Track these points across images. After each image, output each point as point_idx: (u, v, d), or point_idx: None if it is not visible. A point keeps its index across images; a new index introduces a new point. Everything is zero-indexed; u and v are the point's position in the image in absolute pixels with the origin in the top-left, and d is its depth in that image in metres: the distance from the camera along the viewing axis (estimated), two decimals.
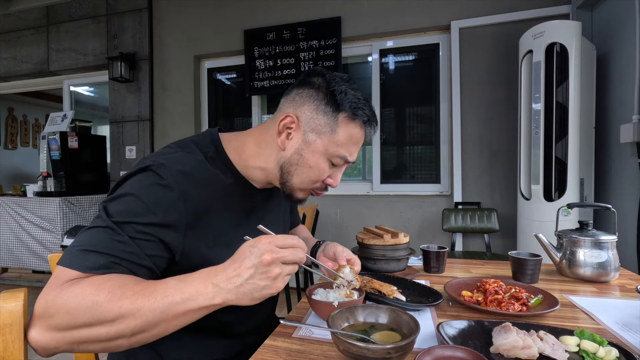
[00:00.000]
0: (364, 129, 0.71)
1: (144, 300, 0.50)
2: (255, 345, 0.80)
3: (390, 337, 0.59)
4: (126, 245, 0.56)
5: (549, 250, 1.07)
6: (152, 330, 0.51)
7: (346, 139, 0.69)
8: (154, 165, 0.62)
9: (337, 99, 0.68)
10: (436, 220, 2.76)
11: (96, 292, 0.50)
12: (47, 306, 0.51)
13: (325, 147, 0.69)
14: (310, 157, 0.69)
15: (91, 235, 0.57)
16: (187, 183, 0.63)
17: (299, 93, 0.71)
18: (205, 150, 0.71)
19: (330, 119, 0.68)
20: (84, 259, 0.54)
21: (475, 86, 2.70)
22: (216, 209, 0.68)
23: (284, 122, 0.70)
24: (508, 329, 0.59)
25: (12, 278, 3.49)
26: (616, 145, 2.04)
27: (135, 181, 0.61)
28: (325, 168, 0.71)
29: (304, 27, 3.03)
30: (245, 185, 0.75)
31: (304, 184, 0.72)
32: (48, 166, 3.23)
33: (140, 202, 0.59)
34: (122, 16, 3.58)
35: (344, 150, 0.70)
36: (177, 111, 3.44)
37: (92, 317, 0.50)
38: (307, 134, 0.69)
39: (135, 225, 0.58)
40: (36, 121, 6.29)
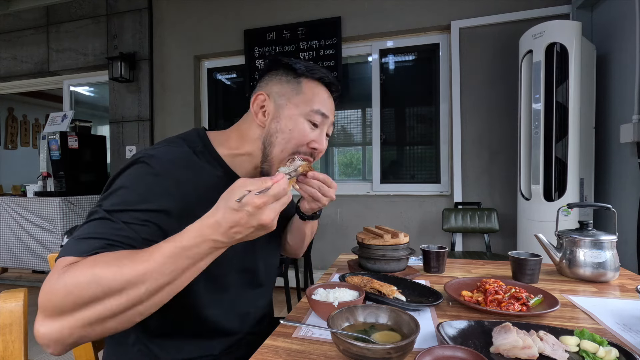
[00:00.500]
0: (325, 86, 0.78)
1: (145, 265, 0.50)
2: (247, 341, 0.81)
3: (390, 337, 0.59)
4: (121, 230, 0.57)
5: (549, 250, 1.07)
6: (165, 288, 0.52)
7: (313, 95, 0.75)
8: (144, 156, 0.64)
9: (295, 67, 0.76)
10: (436, 220, 2.76)
11: (92, 266, 0.50)
12: (50, 294, 0.49)
13: (297, 107, 0.74)
14: (287, 121, 0.73)
15: (86, 226, 0.58)
16: (178, 172, 0.66)
17: (263, 79, 0.79)
18: (193, 145, 0.73)
19: (293, 84, 0.75)
20: (78, 245, 0.54)
21: (475, 86, 2.70)
22: (207, 200, 0.67)
23: (257, 101, 0.76)
24: (508, 329, 0.59)
25: (12, 278, 3.49)
26: (616, 145, 2.04)
27: (127, 174, 0.63)
28: (306, 128, 0.74)
29: (304, 27, 3.03)
30: (234, 178, 0.76)
31: (285, 151, 0.73)
32: (48, 166, 3.23)
33: (133, 193, 0.61)
34: (122, 16, 3.58)
35: (317, 104, 0.74)
36: (177, 111, 3.44)
37: (95, 291, 0.49)
38: (278, 104, 0.74)
39: (131, 212, 0.59)
40: (36, 121, 6.29)
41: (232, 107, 3.53)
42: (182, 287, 0.54)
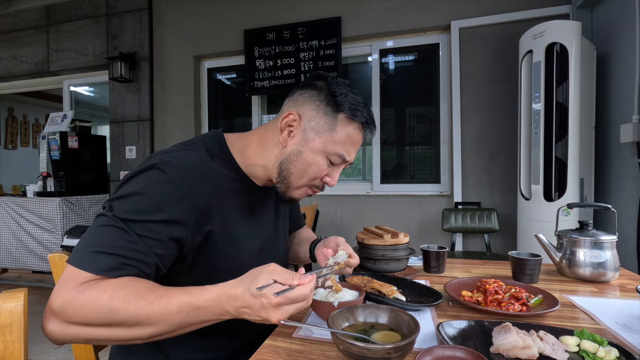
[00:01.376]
0: (361, 131, 0.74)
1: (159, 314, 0.54)
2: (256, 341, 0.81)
3: (390, 337, 0.59)
4: (135, 244, 0.58)
5: (549, 250, 1.07)
6: (165, 335, 0.57)
7: (344, 138, 0.72)
8: (160, 163, 0.64)
9: (338, 100, 0.71)
10: (436, 220, 2.76)
11: (111, 299, 0.54)
12: (65, 307, 0.54)
13: (324, 145, 0.71)
14: (309, 154, 0.72)
15: (101, 233, 0.58)
16: (192, 179, 0.65)
17: (301, 94, 0.74)
18: (210, 148, 0.73)
19: (330, 118, 0.71)
20: (95, 260, 0.56)
21: (475, 86, 2.70)
22: (220, 203, 0.70)
23: (286, 119, 0.72)
24: (508, 329, 0.59)
25: (12, 278, 3.49)
26: (616, 145, 2.04)
27: (142, 179, 0.63)
28: (324, 165, 0.73)
29: (304, 27, 3.03)
30: (247, 182, 0.77)
31: (301, 181, 0.74)
32: (48, 166, 3.23)
33: (147, 200, 0.61)
34: (122, 16, 3.58)
35: (342, 148, 0.72)
36: (177, 111, 3.44)
37: (110, 321, 0.54)
38: (307, 132, 0.72)
39: (144, 223, 0.59)
40: (36, 121, 6.29)
41: (232, 107, 3.53)
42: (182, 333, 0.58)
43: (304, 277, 0.56)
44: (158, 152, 0.68)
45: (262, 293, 0.53)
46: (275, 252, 0.86)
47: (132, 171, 0.64)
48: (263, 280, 0.54)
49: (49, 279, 3.38)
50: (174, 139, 3.32)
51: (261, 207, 0.81)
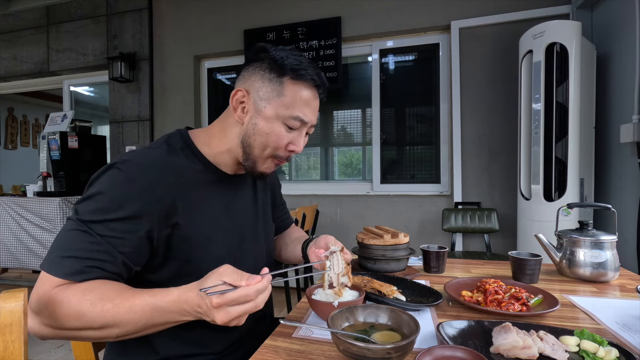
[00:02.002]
0: (312, 89, 0.74)
1: (125, 316, 0.57)
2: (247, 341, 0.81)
3: (390, 337, 0.59)
4: (98, 245, 0.60)
5: (549, 250, 1.07)
6: (132, 335, 0.60)
7: (294, 100, 0.71)
8: (117, 162, 0.66)
9: (279, 64, 0.71)
10: (436, 220, 2.76)
11: (79, 302, 0.56)
12: (40, 307, 0.57)
13: (276, 111, 0.71)
14: (264, 124, 0.72)
15: (66, 238, 0.61)
16: (151, 174, 0.66)
17: (246, 70, 0.75)
18: (173, 143, 0.74)
19: (276, 84, 0.71)
20: (61, 265, 0.58)
21: (475, 86, 2.70)
22: (186, 196, 0.70)
23: (236, 97, 0.74)
24: (508, 329, 0.59)
25: (12, 278, 3.49)
26: (616, 145, 2.04)
27: (102, 180, 0.64)
28: (282, 132, 0.72)
29: (304, 27, 3.03)
30: (215, 173, 0.77)
31: (265, 153, 0.74)
32: (48, 166, 3.23)
33: (108, 199, 0.62)
34: (122, 16, 3.58)
35: (296, 110, 0.72)
36: (177, 111, 3.44)
37: (79, 324, 0.57)
38: (258, 103, 0.72)
39: (106, 223, 0.61)
40: (36, 121, 6.29)
41: None
42: (151, 333, 0.61)
43: (252, 278, 0.55)
44: (120, 154, 0.69)
45: (204, 295, 0.54)
46: (256, 243, 0.85)
47: (97, 172, 0.66)
48: (211, 282, 0.55)
49: None
50: None
51: (235, 198, 0.81)
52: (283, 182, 3.36)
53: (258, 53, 0.74)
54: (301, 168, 3.41)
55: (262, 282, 0.56)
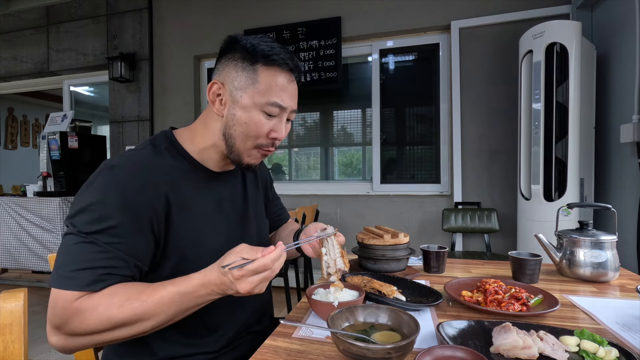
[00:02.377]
0: (285, 74, 0.72)
1: (154, 308, 0.59)
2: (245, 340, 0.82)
3: (390, 337, 0.59)
4: (107, 253, 0.60)
5: (549, 250, 1.07)
6: (167, 323, 0.62)
7: (270, 86, 0.70)
8: (105, 168, 0.65)
9: (250, 52, 0.70)
10: (436, 220, 2.76)
11: (107, 308, 0.57)
12: (64, 322, 0.58)
13: (252, 99, 0.70)
14: (242, 114, 0.71)
15: (72, 252, 0.60)
16: (143, 175, 0.66)
17: (220, 62, 0.75)
18: (157, 143, 0.74)
19: (249, 72, 0.70)
20: (76, 278, 0.58)
21: (475, 86, 2.70)
22: (176, 195, 0.70)
23: (212, 90, 0.73)
24: (508, 329, 0.59)
25: (12, 278, 3.49)
26: (616, 145, 2.03)
27: (93, 189, 0.63)
28: (261, 120, 0.71)
29: (304, 27, 3.03)
30: (203, 170, 0.77)
31: (247, 144, 0.73)
32: (48, 166, 3.23)
33: (103, 207, 0.61)
34: (122, 16, 3.58)
35: (273, 96, 0.70)
36: (177, 111, 3.44)
37: (111, 326, 0.58)
38: (233, 93, 0.71)
39: (108, 231, 0.61)
40: (36, 121, 6.29)
41: None
42: (181, 318, 0.64)
43: (267, 249, 0.60)
44: (104, 161, 0.69)
45: (226, 270, 0.58)
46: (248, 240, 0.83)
47: (84, 185, 0.65)
48: (230, 259, 0.59)
49: (49, 279, 3.37)
50: None
51: (224, 195, 0.81)
52: (283, 182, 3.36)
53: (230, 44, 0.73)
54: (301, 168, 3.41)
55: (277, 251, 0.60)
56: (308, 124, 3.33)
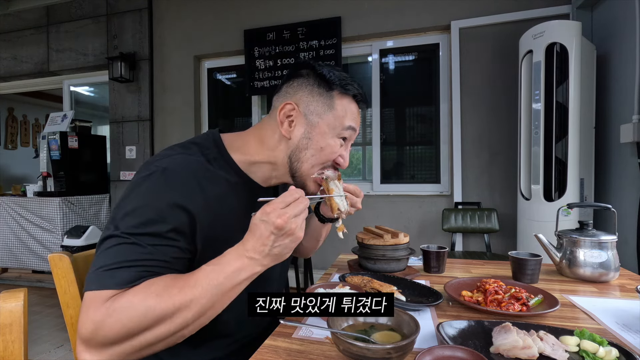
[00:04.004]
0: (355, 103, 0.76)
1: (193, 291, 0.54)
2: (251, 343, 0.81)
3: (390, 337, 0.59)
4: (150, 254, 0.57)
5: (549, 250, 1.07)
6: (208, 312, 0.57)
7: (345, 112, 0.73)
8: (157, 170, 0.63)
9: (327, 79, 0.72)
10: (436, 220, 2.76)
11: (144, 299, 0.53)
12: (97, 327, 0.52)
13: (329, 124, 0.72)
14: (319, 139, 0.72)
15: (111, 254, 0.56)
16: (192, 183, 0.64)
17: (290, 85, 0.75)
18: (207, 151, 0.71)
19: (326, 98, 0.72)
20: (115, 276, 0.54)
21: (475, 86, 2.70)
22: (223, 208, 0.69)
23: (284, 110, 0.72)
24: (508, 329, 0.59)
25: (12, 278, 3.49)
26: (616, 145, 2.04)
27: (142, 191, 0.61)
28: (336, 145, 0.73)
29: (304, 27, 3.03)
30: (250, 185, 0.76)
31: (315, 168, 0.73)
32: (48, 166, 3.23)
33: (152, 211, 0.59)
34: (122, 16, 3.58)
35: (349, 121, 0.73)
36: (177, 111, 3.44)
37: (149, 321, 0.53)
38: (309, 117, 0.72)
39: (154, 235, 0.58)
40: (36, 121, 6.29)
41: (232, 107, 3.53)
42: (222, 308, 0.58)
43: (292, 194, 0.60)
44: (153, 158, 0.66)
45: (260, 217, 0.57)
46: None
47: (131, 183, 0.63)
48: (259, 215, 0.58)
49: (49, 279, 3.38)
50: (174, 139, 3.32)
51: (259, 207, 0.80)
52: None
53: (300, 68, 0.75)
54: None
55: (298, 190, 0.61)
56: None
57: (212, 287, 0.55)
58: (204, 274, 0.56)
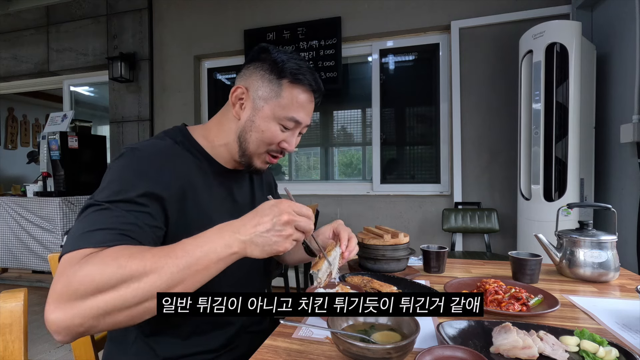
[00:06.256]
0: (307, 93, 0.77)
1: (166, 259, 0.53)
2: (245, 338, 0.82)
3: (390, 337, 0.59)
4: (125, 218, 0.59)
5: (549, 250, 1.07)
6: (176, 287, 0.53)
7: (291, 102, 0.75)
8: (126, 150, 0.68)
9: (280, 67, 0.75)
10: (436, 220, 2.76)
11: (116, 257, 0.52)
12: (69, 281, 0.50)
13: (272, 111, 0.75)
14: (261, 122, 0.76)
15: (90, 219, 0.58)
16: (161, 160, 0.69)
17: (247, 68, 0.78)
18: (174, 137, 0.77)
19: (275, 85, 0.75)
20: (90, 237, 0.55)
21: (475, 86, 2.70)
22: (191, 185, 0.72)
23: (235, 93, 0.77)
24: (508, 329, 0.59)
25: (12, 278, 3.49)
26: (616, 145, 2.04)
27: (114, 169, 0.66)
28: (277, 131, 0.76)
29: (304, 27, 3.03)
30: (216, 166, 0.80)
31: (259, 149, 0.78)
32: (48, 166, 3.23)
33: (122, 182, 0.62)
34: (122, 16, 3.58)
35: (292, 112, 0.75)
36: (177, 111, 3.44)
37: (117, 278, 0.50)
38: (256, 101, 0.76)
39: (126, 202, 0.60)
40: (36, 121, 6.29)
41: None
42: (193, 287, 0.55)
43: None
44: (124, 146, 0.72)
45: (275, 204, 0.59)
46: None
47: (108, 166, 0.68)
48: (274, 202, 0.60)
49: (49, 279, 3.38)
50: None
51: (234, 191, 0.83)
52: (283, 182, 3.36)
53: (260, 53, 0.78)
54: (301, 168, 3.41)
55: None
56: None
57: (186, 259, 0.53)
58: (181, 245, 0.56)
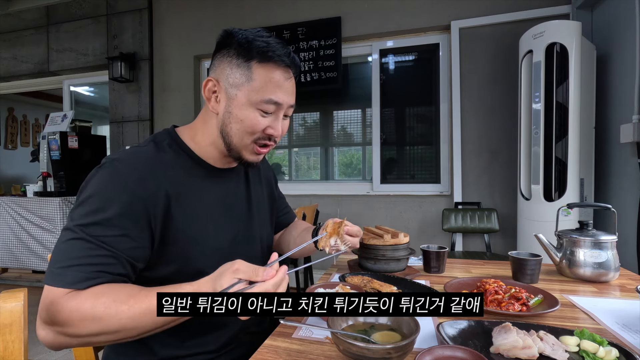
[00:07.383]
0: (281, 70, 0.71)
1: (141, 318, 0.56)
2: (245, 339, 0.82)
3: (390, 337, 0.59)
4: (99, 250, 0.59)
5: (549, 250, 1.07)
6: (154, 331, 0.60)
7: (264, 83, 0.69)
8: (106, 162, 0.66)
9: (245, 48, 0.69)
10: (436, 220, 2.76)
11: (93, 307, 0.55)
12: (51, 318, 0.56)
13: (247, 97, 0.69)
14: (238, 112, 0.70)
15: (65, 249, 0.59)
16: (143, 169, 0.66)
17: (216, 58, 0.73)
18: (160, 141, 0.74)
19: (244, 69, 0.69)
20: (65, 275, 0.57)
21: (475, 86, 2.70)
22: (177, 190, 0.70)
23: (207, 87, 0.72)
24: (508, 329, 0.59)
25: (12, 278, 3.49)
26: (616, 145, 2.03)
27: (93, 182, 0.64)
28: (256, 117, 0.70)
29: (304, 27, 3.03)
30: (205, 167, 0.77)
31: (244, 140, 0.72)
32: (48, 166, 3.23)
33: (100, 199, 0.61)
34: (122, 16, 3.58)
35: (268, 94, 0.69)
36: (177, 111, 3.44)
37: (96, 329, 0.56)
38: (229, 91, 0.71)
39: (103, 222, 0.60)
40: (36, 121, 6.29)
41: None
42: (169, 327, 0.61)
43: (268, 272, 0.57)
44: (105, 156, 0.69)
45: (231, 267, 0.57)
46: (250, 237, 0.84)
47: (85, 179, 0.65)
48: (227, 280, 0.56)
49: None
50: None
51: (227, 192, 0.80)
52: (283, 182, 3.36)
53: (225, 39, 0.72)
54: (301, 168, 3.41)
55: (278, 276, 0.58)
56: (308, 124, 3.33)
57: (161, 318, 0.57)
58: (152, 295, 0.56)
